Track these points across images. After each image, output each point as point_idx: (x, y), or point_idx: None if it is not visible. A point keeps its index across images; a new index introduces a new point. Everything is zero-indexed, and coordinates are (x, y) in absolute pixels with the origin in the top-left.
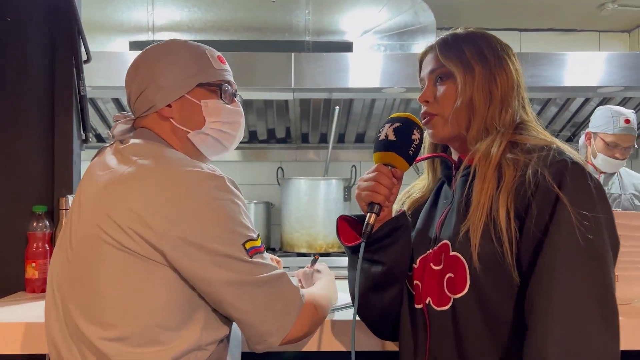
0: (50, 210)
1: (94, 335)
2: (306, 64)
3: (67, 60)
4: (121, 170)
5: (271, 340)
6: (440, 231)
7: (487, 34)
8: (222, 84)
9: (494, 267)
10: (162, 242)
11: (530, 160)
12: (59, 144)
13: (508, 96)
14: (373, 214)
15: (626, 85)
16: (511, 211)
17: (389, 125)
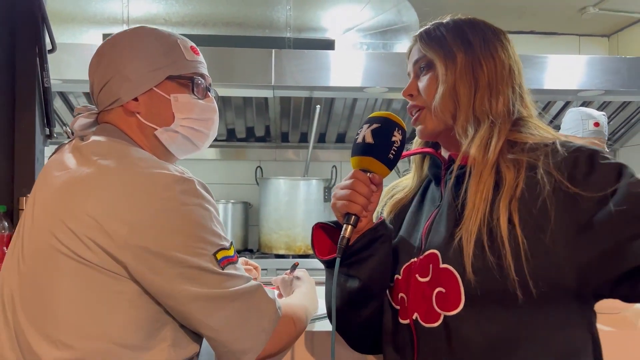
0: (9, 211)
1: (48, 356)
2: (287, 61)
3: (30, 50)
4: (79, 171)
5: (245, 358)
6: (427, 238)
7: (475, 19)
8: (194, 77)
9: (494, 281)
10: (123, 253)
11: (537, 160)
12: (20, 139)
13: (498, 83)
14: (349, 225)
15: (606, 89)
16: (515, 220)
17: (368, 126)
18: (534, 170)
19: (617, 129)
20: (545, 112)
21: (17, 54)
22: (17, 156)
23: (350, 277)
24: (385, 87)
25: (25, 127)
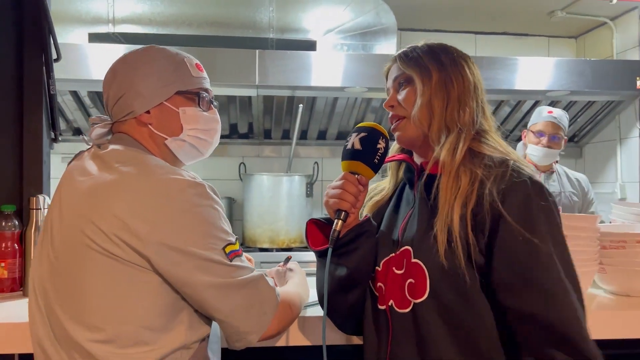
0: (19, 210)
1: (81, 337)
2: (270, 61)
3: (37, 59)
4: (103, 177)
5: (250, 338)
6: (403, 235)
7: (444, 45)
8: (200, 92)
9: (453, 274)
10: (146, 248)
11: (487, 179)
12: (28, 143)
13: (465, 96)
14: (340, 220)
15: (572, 89)
16: (468, 220)
17: (356, 134)
18: (484, 186)
19: (582, 127)
20: (516, 111)
21: (24, 63)
22: (25, 159)
23: (339, 266)
24: (364, 87)
25: (33, 132)
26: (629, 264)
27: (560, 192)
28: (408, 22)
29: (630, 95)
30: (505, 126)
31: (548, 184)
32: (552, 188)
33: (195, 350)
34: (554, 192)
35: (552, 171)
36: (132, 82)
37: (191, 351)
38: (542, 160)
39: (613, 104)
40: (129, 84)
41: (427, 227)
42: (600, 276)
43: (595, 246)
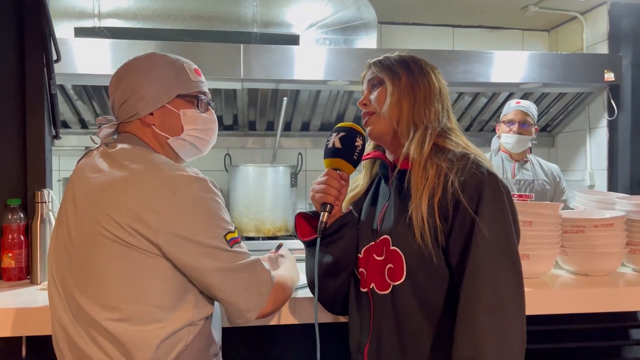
0: (23, 203)
1: (100, 317)
2: (254, 55)
3: (38, 60)
4: (115, 174)
5: (249, 315)
6: (381, 225)
7: (415, 56)
8: (198, 95)
9: (424, 258)
10: (157, 237)
11: (450, 171)
12: (31, 141)
13: (430, 98)
14: (326, 212)
15: (544, 82)
16: (436, 210)
17: (336, 134)
18: (447, 178)
19: (554, 118)
20: (491, 102)
21: (26, 64)
22: (29, 155)
23: (326, 254)
24: (346, 80)
25: (35, 130)
26: (587, 247)
27: (533, 180)
28: (388, 16)
29: (599, 87)
30: (482, 117)
31: (522, 172)
32: (525, 176)
33: (201, 327)
34: (528, 180)
35: (526, 160)
36: (136, 86)
37: (197, 327)
38: (515, 147)
39: (583, 95)
40: (133, 89)
41: (402, 218)
42: (562, 258)
43: (557, 231)
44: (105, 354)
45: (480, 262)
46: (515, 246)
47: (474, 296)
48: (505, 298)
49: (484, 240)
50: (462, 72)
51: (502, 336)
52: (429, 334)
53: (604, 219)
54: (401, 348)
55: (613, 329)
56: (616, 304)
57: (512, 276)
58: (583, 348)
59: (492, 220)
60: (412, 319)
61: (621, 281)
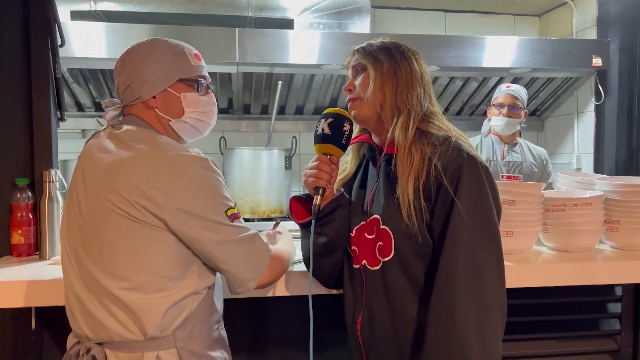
0: (31, 183)
1: (111, 285)
2: (249, 39)
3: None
4: (122, 154)
5: (248, 285)
6: (371, 206)
7: (397, 42)
8: (198, 79)
9: (411, 236)
10: (163, 212)
11: (434, 155)
12: (38, 123)
13: (412, 83)
14: (319, 195)
15: (534, 67)
16: (420, 192)
17: (324, 120)
18: (431, 162)
19: (544, 102)
20: (482, 86)
21: (32, 49)
22: (35, 137)
23: (320, 235)
24: (340, 65)
25: (41, 112)
26: (567, 225)
27: (522, 162)
28: (381, 0)
29: (587, 72)
30: (472, 101)
31: (511, 154)
32: (514, 158)
33: (204, 296)
34: (516, 162)
35: (515, 143)
36: (138, 71)
37: (201, 296)
38: (504, 130)
39: (571, 80)
40: (137, 73)
41: (390, 198)
42: (544, 235)
43: (539, 209)
44: (117, 320)
45: (458, 239)
46: (495, 223)
47: (450, 270)
48: (483, 270)
49: (461, 218)
50: (453, 56)
51: (480, 306)
52: (416, 305)
53: (583, 199)
54: (391, 319)
55: (591, 303)
56: (593, 278)
57: (491, 249)
58: (563, 321)
59: (470, 200)
60: (400, 292)
61: (599, 257)
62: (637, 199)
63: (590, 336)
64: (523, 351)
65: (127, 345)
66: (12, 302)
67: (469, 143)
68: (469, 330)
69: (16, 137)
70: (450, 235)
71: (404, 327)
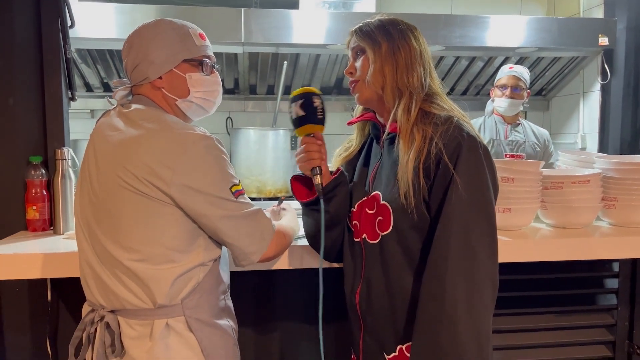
0: (44, 161)
1: (122, 257)
2: (255, 19)
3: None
4: (131, 132)
5: (252, 257)
6: (373, 183)
7: (395, 19)
8: (203, 59)
9: (408, 212)
10: (170, 188)
11: (435, 135)
12: (50, 102)
13: (412, 62)
14: (318, 175)
15: (539, 46)
16: (420, 170)
17: (295, 104)
18: (433, 141)
19: (550, 82)
20: (488, 66)
21: (43, 30)
22: (48, 116)
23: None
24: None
25: (53, 92)
26: (565, 202)
27: (524, 141)
28: None
29: (593, 51)
30: (478, 81)
31: (514, 134)
32: (517, 137)
33: (210, 268)
34: (519, 141)
35: (518, 123)
36: (145, 52)
37: (207, 268)
38: (507, 111)
39: (577, 59)
40: (144, 54)
41: (391, 176)
42: (543, 212)
43: (538, 187)
44: (128, 289)
45: (453, 215)
46: (491, 201)
47: (444, 244)
48: (475, 246)
49: (458, 195)
50: (458, 36)
51: (471, 281)
52: (412, 278)
53: (581, 176)
54: (387, 290)
55: (589, 278)
56: (591, 253)
57: (485, 227)
58: (561, 295)
59: (468, 178)
60: (396, 264)
61: (596, 233)
62: (634, 176)
63: (587, 310)
64: (521, 325)
65: (138, 313)
66: (29, 274)
67: (470, 123)
68: (459, 303)
69: (29, 117)
70: (446, 211)
71: (399, 298)
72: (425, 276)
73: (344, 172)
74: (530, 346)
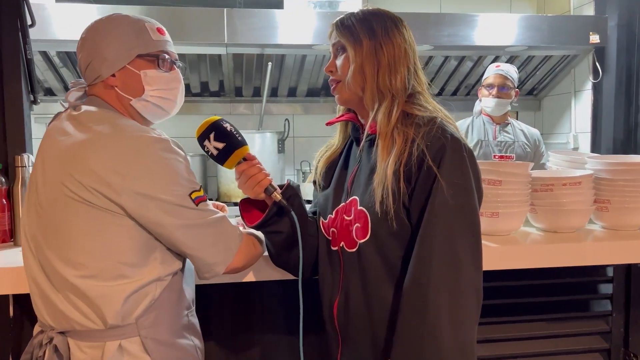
0: (5, 168)
1: (69, 274)
2: (238, 19)
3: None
4: (80, 136)
5: (217, 269)
6: (351, 187)
7: (379, 11)
8: (159, 54)
9: (387, 220)
10: (120, 197)
11: (417, 136)
12: (9, 106)
13: (395, 62)
14: (274, 192)
15: (529, 45)
16: (401, 174)
17: (207, 141)
18: (414, 142)
19: (541, 81)
20: (477, 65)
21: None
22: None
23: (276, 234)
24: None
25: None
26: (555, 205)
27: (514, 142)
28: None
29: (584, 49)
30: (468, 81)
31: (503, 134)
32: (506, 138)
33: (169, 282)
34: (508, 142)
35: (507, 123)
36: (98, 48)
37: (165, 283)
38: (495, 111)
39: (568, 58)
40: (96, 51)
41: (369, 181)
42: (532, 216)
43: (527, 189)
44: (77, 309)
45: (436, 221)
46: (475, 207)
47: (426, 251)
48: (459, 254)
49: (442, 200)
50: (447, 35)
51: (454, 291)
52: (392, 289)
53: (572, 177)
54: (366, 302)
55: (581, 284)
56: (583, 259)
57: (468, 233)
58: (553, 302)
59: (451, 182)
60: (375, 274)
61: (589, 237)
62: (627, 177)
63: (580, 317)
64: (512, 333)
65: (89, 335)
66: None
67: (455, 124)
68: (442, 314)
69: None
70: (428, 217)
71: (379, 311)
72: (406, 285)
73: (291, 185)
74: (521, 355)
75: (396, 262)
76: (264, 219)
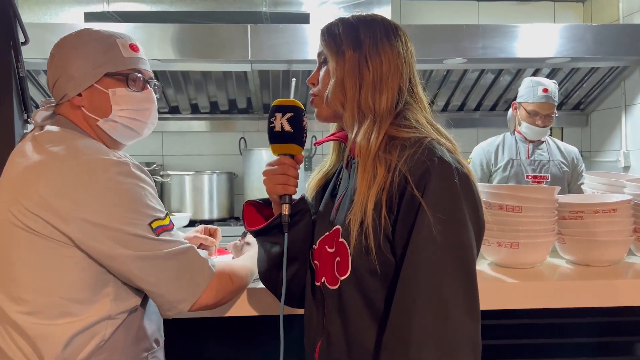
0: None
1: (9, 309)
2: (263, 35)
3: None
4: (34, 157)
5: (180, 307)
6: (336, 215)
7: (373, 18)
8: (130, 72)
9: (367, 255)
10: (68, 226)
11: (400, 161)
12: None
13: (382, 80)
14: (287, 205)
15: (572, 56)
16: (383, 208)
17: (282, 115)
18: (397, 168)
19: (588, 94)
20: (517, 79)
21: None
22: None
23: (274, 245)
24: None
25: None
26: (586, 234)
27: (549, 161)
28: None
29: (635, 60)
30: (507, 95)
31: (537, 152)
32: (540, 157)
33: (123, 321)
34: (543, 160)
35: (541, 141)
36: (65, 66)
37: (117, 321)
38: (533, 137)
39: (617, 69)
40: (63, 68)
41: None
42: (561, 246)
43: (553, 217)
44: (18, 348)
45: (418, 261)
46: (468, 244)
47: (407, 299)
48: (448, 300)
49: (427, 235)
50: (483, 47)
51: (444, 347)
52: (374, 335)
53: (605, 204)
54: (347, 346)
55: (621, 323)
56: (619, 298)
57: (460, 275)
58: (587, 343)
59: (440, 214)
60: (357, 316)
61: (628, 272)
62: None
63: None
64: None
65: None
66: None
67: (452, 145)
68: None
69: None
70: (410, 255)
71: (359, 355)
72: (386, 337)
73: (304, 200)
74: None
75: (379, 303)
76: (266, 226)
